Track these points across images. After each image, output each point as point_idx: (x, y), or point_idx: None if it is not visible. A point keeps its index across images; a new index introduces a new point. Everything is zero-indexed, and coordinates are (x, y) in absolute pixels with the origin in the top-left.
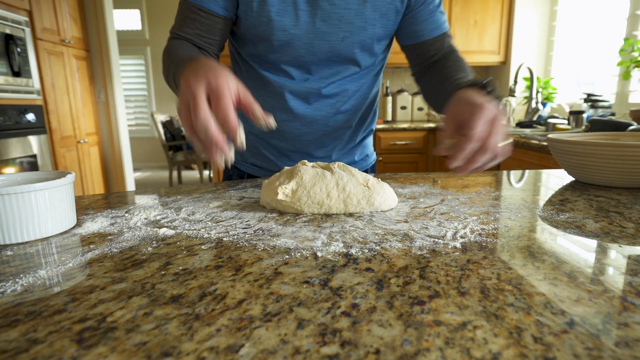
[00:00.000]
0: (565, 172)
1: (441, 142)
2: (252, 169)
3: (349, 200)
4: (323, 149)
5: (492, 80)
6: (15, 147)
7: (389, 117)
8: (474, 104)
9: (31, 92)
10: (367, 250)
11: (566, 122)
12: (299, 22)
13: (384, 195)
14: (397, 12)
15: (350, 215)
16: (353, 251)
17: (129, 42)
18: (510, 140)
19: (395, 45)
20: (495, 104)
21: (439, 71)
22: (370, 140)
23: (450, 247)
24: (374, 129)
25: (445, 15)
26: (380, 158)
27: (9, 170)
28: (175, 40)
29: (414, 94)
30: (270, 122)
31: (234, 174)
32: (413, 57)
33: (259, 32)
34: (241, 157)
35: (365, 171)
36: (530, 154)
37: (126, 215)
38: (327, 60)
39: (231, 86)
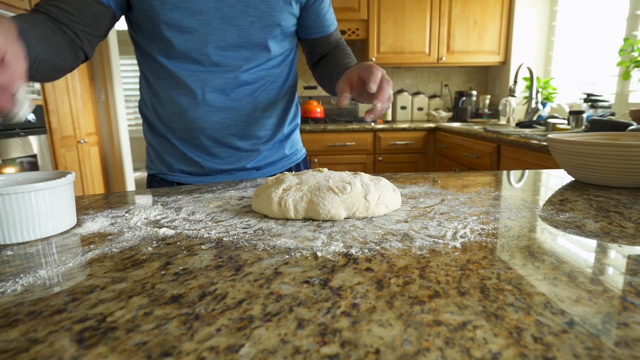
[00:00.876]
0: (565, 172)
1: (342, 96)
2: (181, 177)
3: (352, 208)
4: (249, 141)
5: None
6: (15, 147)
7: (389, 117)
8: (361, 64)
9: (31, 92)
10: (367, 250)
11: (566, 122)
12: (206, 8)
13: (383, 205)
14: (300, 3)
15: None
16: (353, 251)
17: (129, 42)
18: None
19: (393, 46)
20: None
21: (330, 60)
22: (297, 134)
23: (450, 247)
24: (299, 123)
25: (332, 12)
26: (380, 158)
27: (9, 170)
28: (32, 12)
29: (414, 94)
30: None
31: (161, 186)
32: (310, 49)
33: (166, 20)
34: (167, 168)
35: (297, 165)
36: (530, 154)
37: (126, 215)
38: (238, 46)
39: (13, 50)
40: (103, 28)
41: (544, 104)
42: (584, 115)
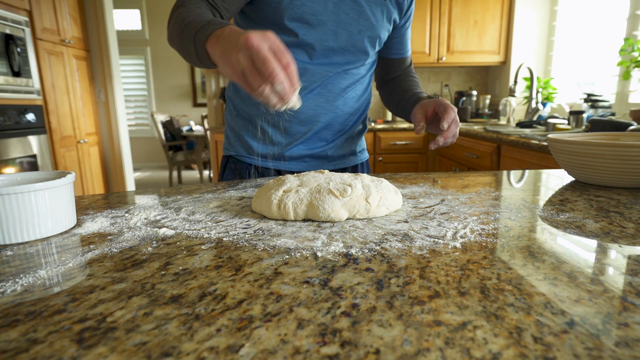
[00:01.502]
0: (565, 172)
1: (420, 125)
2: (256, 161)
3: (353, 210)
4: (331, 131)
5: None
6: (15, 147)
7: (389, 117)
8: (438, 100)
9: (31, 92)
10: (367, 250)
11: (566, 122)
12: (327, 10)
13: (384, 207)
14: (394, 23)
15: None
16: (353, 251)
17: (129, 42)
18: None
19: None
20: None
21: (401, 86)
22: (364, 137)
23: (450, 247)
24: (367, 126)
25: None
26: (380, 158)
27: (9, 170)
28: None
29: None
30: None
31: (237, 167)
32: (384, 68)
33: (291, 13)
34: (245, 150)
35: (362, 164)
36: (530, 154)
37: (126, 215)
38: (345, 48)
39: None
40: (239, 9)
41: (544, 104)
42: (584, 115)
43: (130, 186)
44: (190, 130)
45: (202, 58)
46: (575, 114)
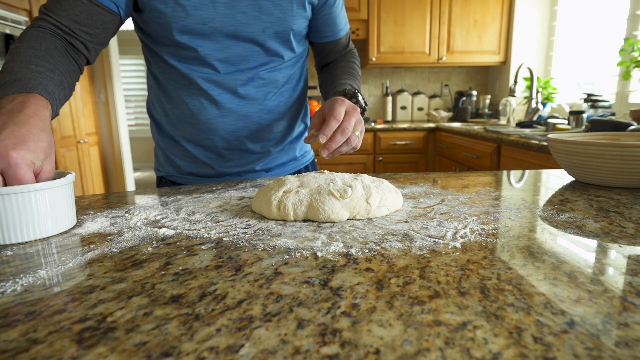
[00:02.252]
0: (565, 172)
1: (309, 134)
2: (189, 179)
3: (353, 211)
4: (260, 143)
5: (357, 92)
6: None
7: (389, 117)
8: (336, 100)
9: None
10: (367, 250)
11: (566, 122)
12: (217, 14)
13: (385, 207)
14: (312, 5)
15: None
16: (353, 251)
17: (129, 42)
18: (362, 132)
19: (393, 46)
20: (353, 105)
21: (331, 71)
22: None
23: (450, 247)
24: (308, 124)
25: (345, 14)
26: (380, 158)
27: None
28: (40, 25)
29: (414, 94)
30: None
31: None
32: (319, 52)
33: (178, 27)
34: (175, 170)
35: (306, 167)
36: (530, 154)
37: (126, 215)
38: (251, 51)
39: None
40: (110, 35)
41: (544, 104)
42: (584, 115)
43: (130, 186)
44: None
45: None
46: (575, 114)
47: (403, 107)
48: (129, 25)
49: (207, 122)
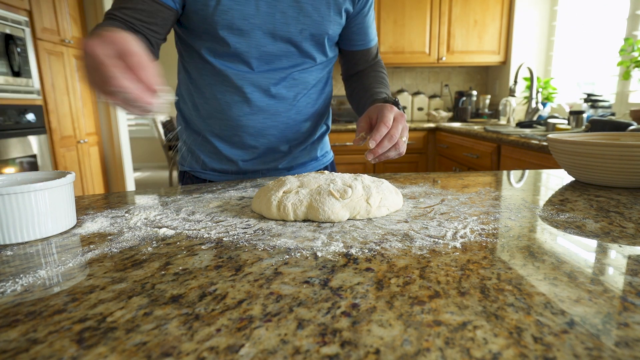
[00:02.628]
0: (565, 172)
1: (358, 135)
2: (213, 176)
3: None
4: (286, 142)
5: (397, 101)
6: (15, 147)
7: None
8: (384, 106)
9: (31, 92)
10: (367, 250)
11: (566, 122)
12: (259, 12)
13: (385, 207)
14: (347, 13)
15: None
16: (353, 251)
17: None
18: (406, 139)
19: (393, 46)
20: (401, 113)
21: (362, 80)
22: (327, 137)
23: (450, 247)
24: (330, 126)
25: (375, 25)
26: None
27: (9, 170)
28: (107, 21)
29: (414, 94)
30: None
31: (192, 183)
32: (347, 61)
33: (220, 21)
34: (200, 165)
35: (326, 167)
36: (530, 154)
37: (126, 215)
38: (286, 51)
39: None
40: (168, 31)
41: (544, 104)
42: (584, 115)
43: (130, 186)
44: None
45: None
46: (575, 114)
47: (403, 107)
48: None
49: (236, 119)
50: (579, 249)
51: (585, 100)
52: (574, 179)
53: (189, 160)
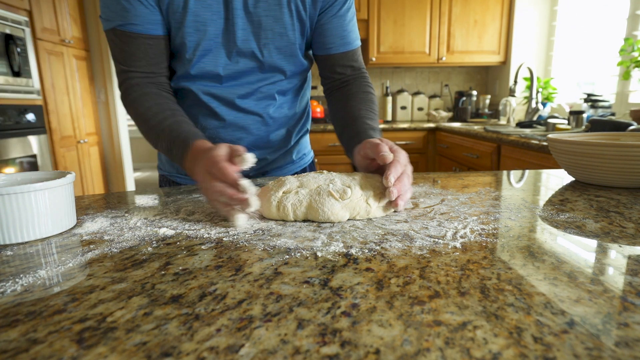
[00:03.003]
0: (565, 172)
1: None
2: (187, 180)
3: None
4: (258, 151)
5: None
6: (15, 147)
7: (389, 117)
8: (392, 147)
9: (31, 92)
10: (367, 250)
11: (566, 122)
12: (221, 31)
13: (384, 206)
14: (312, 17)
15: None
16: (353, 251)
17: None
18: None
19: (393, 46)
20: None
21: (350, 102)
22: (306, 139)
23: (450, 247)
24: (309, 129)
25: (357, 28)
26: None
27: (9, 170)
28: (132, 84)
29: (414, 94)
30: (249, 158)
31: (169, 185)
32: (323, 69)
33: (185, 41)
34: (175, 170)
35: (304, 170)
36: (530, 154)
37: (126, 215)
38: (252, 67)
39: (221, 154)
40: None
41: (544, 104)
42: (584, 115)
43: (130, 186)
44: None
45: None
46: (575, 114)
47: (403, 107)
48: None
49: (207, 131)
50: (579, 249)
51: (585, 100)
52: (574, 179)
53: (166, 165)
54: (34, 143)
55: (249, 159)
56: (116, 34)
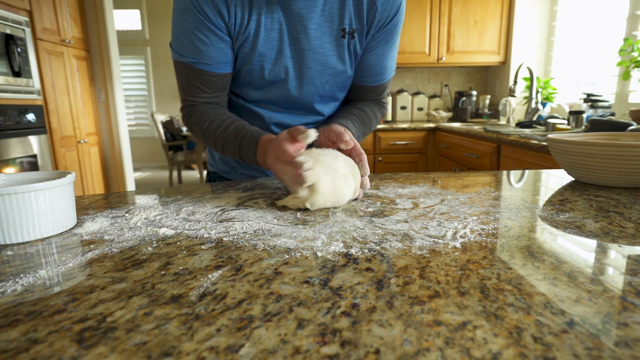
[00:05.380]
0: (565, 172)
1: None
2: (241, 177)
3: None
4: None
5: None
6: (16, 147)
7: (389, 117)
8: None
9: (31, 92)
10: (367, 250)
11: (566, 122)
12: (288, 70)
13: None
14: (361, 49)
15: (350, 214)
16: (353, 251)
17: (129, 42)
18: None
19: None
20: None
21: (350, 107)
22: None
23: (450, 247)
24: None
25: (395, 58)
26: (380, 158)
27: (9, 170)
28: (195, 108)
29: (414, 94)
30: (311, 133)
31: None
32: (350, 90)
33: (253, 78)
34: (230, 168)
35: None
36: (530, 154)
37: (126, 215)
38: (310, 100)
39: (282, 137)
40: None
41: (544, 104)
42: (584, 115)
43: (130, 186)
44: None
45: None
46: (575, 114)
47: (403, 107)
48: (130, 25)
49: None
50: (578, 249)
51: (585, 100)
52: (573, 179)
53: (218, 163)
54: (34, 143)
55: (311, 134)
56: (185, 67)
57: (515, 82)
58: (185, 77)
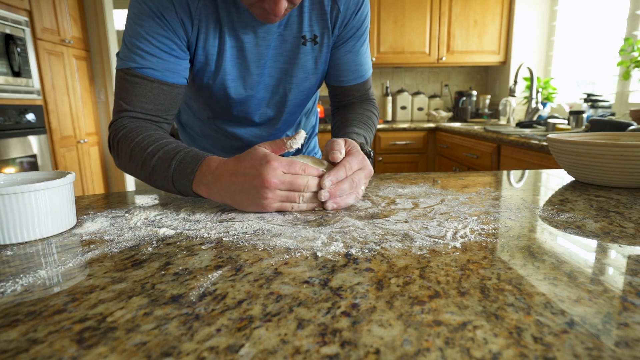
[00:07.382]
0: (565, 172)
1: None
2: None
3: None
4: None
5: (372, 153)
6: (15, 147)
7: (389, 117)
8: (352, 149)
9: (31, 92)
10: (367, 250)
11: (566, 122)
12: (252, 83)
13: None
14: (328, 53)
15: (350, 215)
16: (353, 251)
17: None
18: (364, 187)
19: (393, 46)
20: (364, 158)
21: (347, 115)
22: (315, 140)
23: (450, 247)
24: (317, 131)
25: (369, 57)
26: (380, 158)
27: (9, 170)
28: (130, 121)
29: (414, 94)
30: (302, 134)
31: None
32: (333, 95)
33: (218, 97)
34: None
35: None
36: (530, 154)
37: (126, 215)
38: (278, 110)
39: (268, 151)
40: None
41: (544, 104)
42: (584, 115)
43: (130, 186)
44: None
45: (185, 194)
46: (575, 114)
47: (403, 107)
48: None
49: (227, 150)
50: (579, 249)
51: (585, 100)
52: (574, 179)
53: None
54: (34, 143)
55: (302, 134)
56: (129, 74)
57: (515, 82)
58: (128, 87)
